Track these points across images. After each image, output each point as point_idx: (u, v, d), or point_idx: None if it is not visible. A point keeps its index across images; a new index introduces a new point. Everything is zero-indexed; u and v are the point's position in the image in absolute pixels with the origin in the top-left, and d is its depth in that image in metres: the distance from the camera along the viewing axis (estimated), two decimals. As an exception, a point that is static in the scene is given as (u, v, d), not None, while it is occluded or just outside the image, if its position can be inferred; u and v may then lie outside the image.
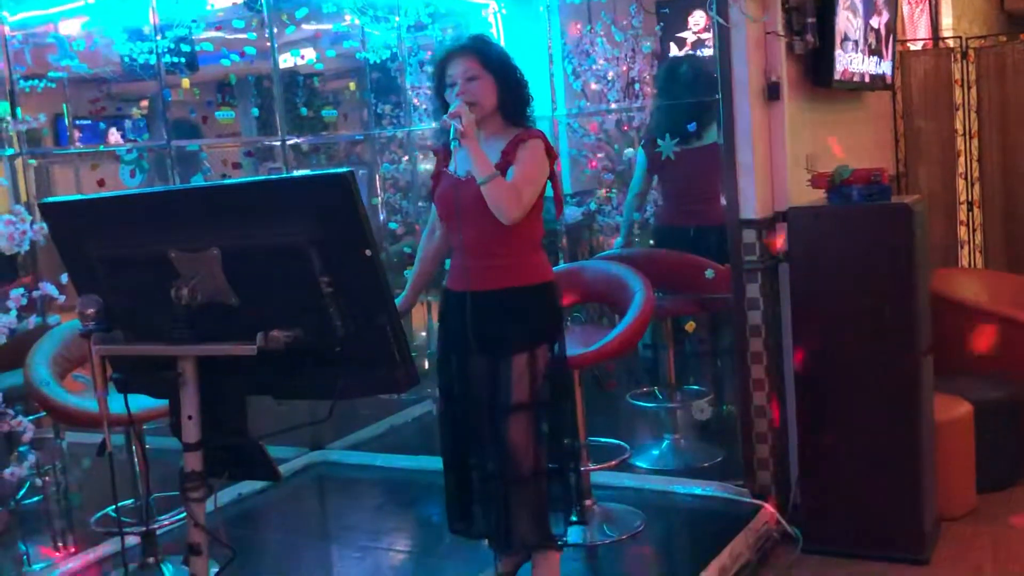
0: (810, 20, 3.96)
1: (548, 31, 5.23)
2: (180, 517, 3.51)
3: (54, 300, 3.47)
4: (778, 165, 3.93)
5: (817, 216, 3.78)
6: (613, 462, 4.11)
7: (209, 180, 4.73)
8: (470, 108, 3.01)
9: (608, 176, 5.57)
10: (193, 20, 4.76)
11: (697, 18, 5.80)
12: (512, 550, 3.25)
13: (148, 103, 4.88)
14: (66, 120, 4.51)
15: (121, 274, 2.15)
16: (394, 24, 5.62)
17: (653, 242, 5.06)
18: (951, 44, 5.70)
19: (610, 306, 4.45)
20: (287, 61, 5.43)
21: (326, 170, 1.83)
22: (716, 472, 4.34)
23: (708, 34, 5.64)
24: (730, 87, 3.84)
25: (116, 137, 4.71)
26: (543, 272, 3.17)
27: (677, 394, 4.84)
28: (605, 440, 4.33)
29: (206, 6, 5.05)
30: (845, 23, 4.11)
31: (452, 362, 3.22)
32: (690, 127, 4.69)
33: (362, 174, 5.73)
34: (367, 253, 1.92)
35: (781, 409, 3.98)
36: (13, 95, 3.79)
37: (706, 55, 5.38)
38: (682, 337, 4.87)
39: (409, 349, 2.01)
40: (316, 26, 5.55)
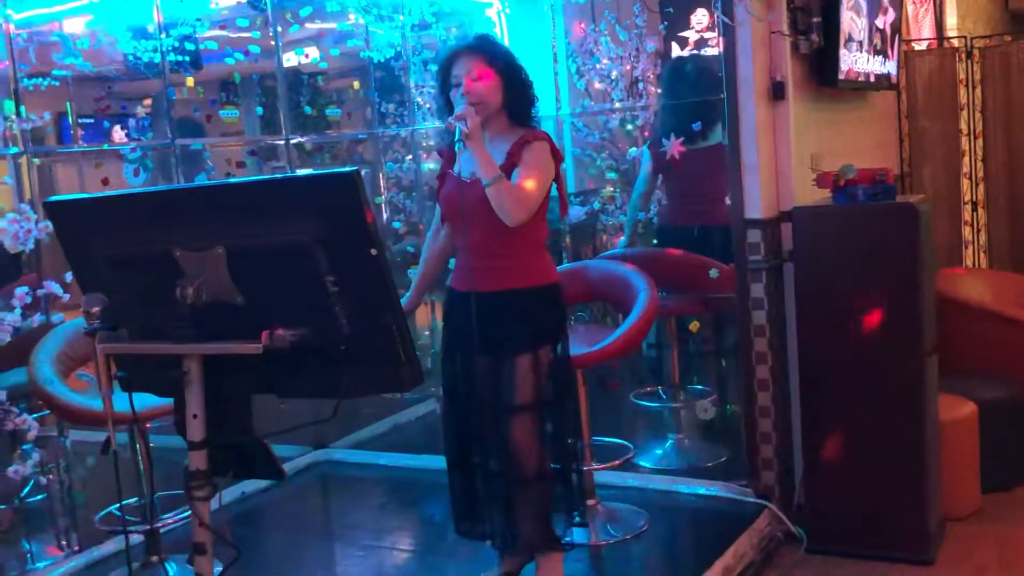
0: (815, 19, 3.96)
1: (552, 30, 5.22)
2: (184, 516, 3.53)
3: (58, 298, 3.47)
4: (783, 165, 3.93)
5: (822, 216, 3.78)
6: (617, 462, 4.10)
7: (213, 179, 4.73)
8: (475, 108, 3.00)
9: (612, 175, 5.56)
10: (197, 19, 4.75)
11: (700, 16, 5.78)
12: (516, 550, 3.25)
13: (151, 102, 4.88)
14: (69, 119, 4.51)
15: (126, 273, 2.15)
16: (398, 23, 5.63)
17: (657, 241, 5.06)
18: (956, 44, 5.69)
19: (614, 305, 4.45)
20: (291, 60, 5.43)
21: (332, 169, 1.83)
22: (720, 472, 4.34)
23: (711, 33, 5.63)
24: (735, 86, 3.83)
25: (120, 135, 4.71)
26: (547, 273, 3.17)
27: (681, 394, 4.84)
28: (609, 440, 4.33)
29: (210, 5, 5.03)
30: (849, 23, 4.10)
31: (456, 362, 3.22)
32: (695, 127, 4.69)
33: (365, 173, 5.73)
34: (373, 252, 1.91)
35: (785, 409, 3.97)
36: (17, 93, 3.79)
37: (710, 54, 5.37)
38: (686, 337, 4.87)
39: (414, 348, 2.01)
40: (320, 25, 5.54)
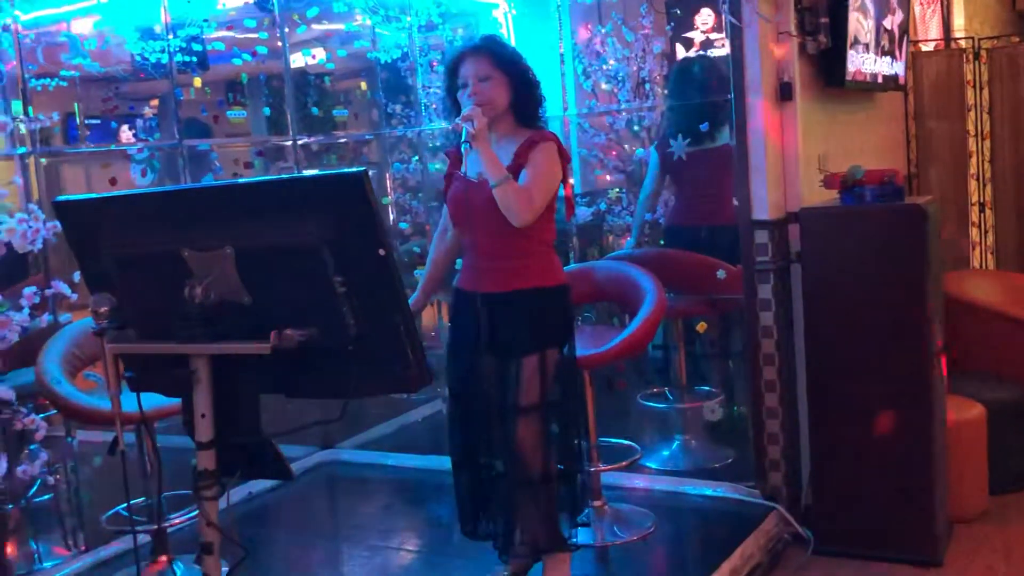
0: (823, 20, 3.95)
1: (559, 31, 5.22)
2: (191, 515, 3.54)
3: (66, 298, 3.48)
4: (790, 165, 3.92)
5: (830, 217, 3.77)
6: (624, 463, 4.10)
7: (220, 179, 4.74)
8: (482, 109, 3.00)
9: (619, 176, 5.56)
10: (205, 19, 4.77)
11: (704, 17, 5.77)
12: (522, 551, 3.24)
13: (158, 102, 4.89)
14: (77, 119, 4.52)
15: (134, 273, 2.15)
16: (405, 24, 5.63)
17: (664, 242, 5.05)
18: (963, 45, 5.68)
19: (621, 306, 4.45)
20: (298, 61, 5.43)
21: (341, 169, 1.83)
22: (727, 473, 4.33)
23: (716, 34, 5.63)
24: (742, 87, 3.82)
25: (128, 136, 4.72)
26: (555, 274, 3.16)
27: (688, 395, 4.83)
28: (615, 441, 4.33)
29: (217, 5, 5.05)
30: (855, 25, 4.09)
31: (462, 362, 3.22)
32: (702, 127, 4.68)
33: (372, 174, 5.73)
34: (381, 252, 1.91)
35: (792, 410, 3.97)
36: (25, 94, 3.80)
37: (716, 55, 5.37)
38: (693, 338, 4.86)
39: (422, 348, 2.01)
40: (327, 26, 5.55)
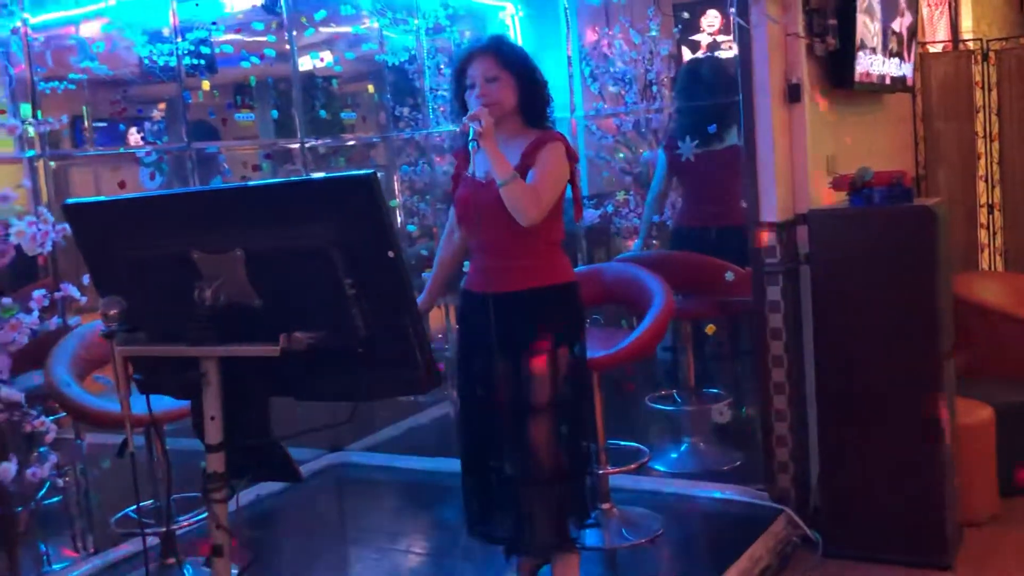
0: (831, 22, 3.95)
1: (567, 33, 5.22)
2: (200, 518, 3.54)
3: (75, 301, 3.48)
4: (799, 167, 3.91)
5: (838, 218, 3.76)
6: (632, 465, 4.08)
7: (228, 182, 4.74)
8: (489, 109, 3.00)
9: (626, 178, 5.56)
10: (213, 22, 4.77)
11: (711, 19, 5.77)
12: (531, 553, 3.24)
13: (166, 105, 4.90)
14: (85, 121, 4.52)
15: (144, 275, 2.15)
16: (412, 27, 5.64)
17: (673, 244, 5.04)
18: (971, 46, 5.66)
19: (629, 308, 4.44)
20: (306, 64, 5.44)
21: (350, 171, 1.83)
22: (736, 476, 4.33)
23: (723, 36, 5.63)
24: (750, 88, 3.82)
25: (136, 139, 4.72)
26: (563, 273, 3.16)
27: (696, 397, 4.82)
28: (624, 443, 4.32)
29: (225, 8, 5.06)
30: (862, 28, 4.08)
31: (472, 363, 3.21)
32: (710, 129, 4.68)
33: (380, 177, 5.73)
34: (390, 255, 1.91)
35: (801, 412, 3.96)
36: (34, 96, 3.81)
37: (725, 56, 5.36)
38: (702, 340, 4.85)
39: (431, 350, 2.00)
40: (335, 29, 5.55)
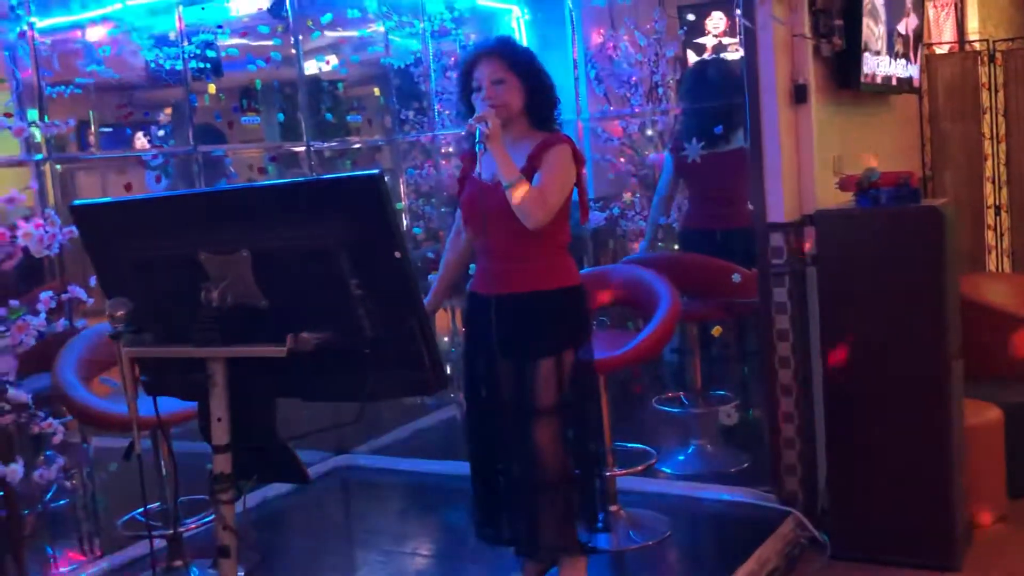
0: (837, 22, 3.94)
1: (572, 36, 5.22)
2: (207, 520, 3.54)
3: (82, 303, 3.49)
4: (805, 168, 3.90)
5: (845, 219, 3.75)
6: (639, 467, 4.08)
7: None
8: (496, 111, 3.00)
9: (632, 180, 5.55)
10: (219, 26, 4.78)
11: (716, 20, 5.77)
12: (538, 555, 3.24)
13: (172, 110, 4.90)
14: (91, 126, 4.53)
15: (150, 276, 2.16)
16: (418, 30, 5.64)
17: (679, 246, 5.04)
18: (978, 47, 5.65)
19: (636, 310, 4.43)
20: (312, 67, 5.44)
21: (357, 171, 1.83)
22: (743, 478, 4.31)
23: (728, 38, 5.62)
24: (756, 89, 3.81)
25: (143, 143, 4.73)
26: (570, 275, 3.16)
27: (703, 399, 4.81)
28: (631, 445, 4.31)
29: (231, 12, 5.07)
30: (866, 31, 4.07)
31: (478, 366, 3.21)
32: (716, 130, 4.67)
33: (386, 179, 5.73)
34: (397, 255, 1.91)
35: (809, 414, 3.95)
36: (41, 101, 3.81)
37: (731, 58, 5.36)
38: (708, 342, 4.84)
39: (438, 350, 2.00)
40: (340, 33, 5.56)
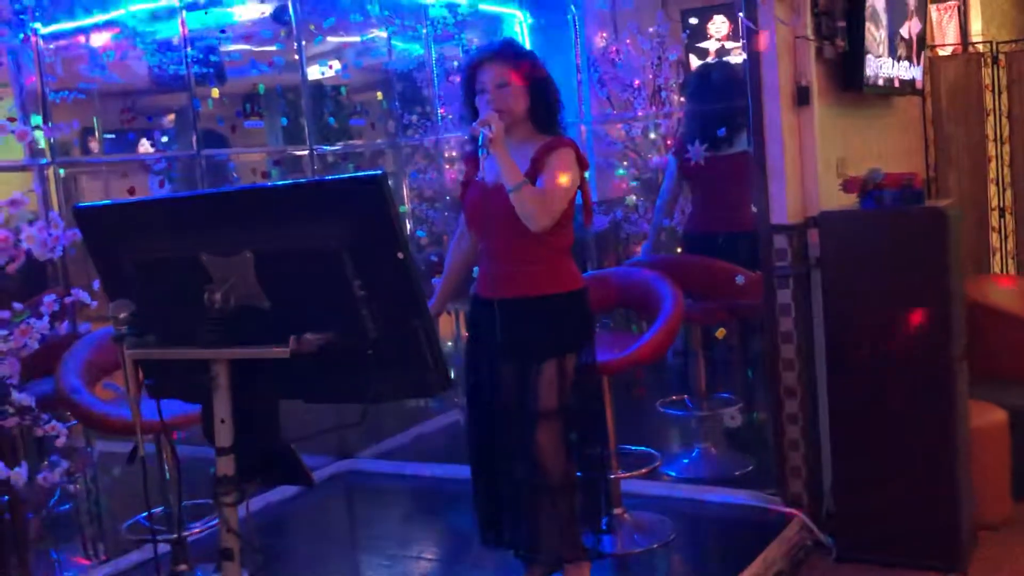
0: (840, 24, 3.94)
1: (575, 40, 5.22)
2: (211, 525, 3.53)
3: (86, 306, 3.49)
4: (809, 170, 3.90)
5: (849, 221, 3.74)
6: (643, 470, 4.07)
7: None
8: (500, 115, 3.00)
9: (635, 183, 5.56)
10: (222, 31, 4.80)
11: (718, 24, 5.77)
12: (542, 559, 3.23)
13: (175, 116, 4.91)
14: (96, 132, 4.54)
15: (153, 278, 2.15)
16: (420, 34, 5.64)
17: (683, 248, 5.03)
18: (981, 49, 5.65)
19: (640, 312, 4.43)
20: (315, 72, 5.45)
21: (359, 172, 1.83)
22: (748, 481, 4.30)
23: (730, 42, 5.62)
24: (760, 92, 3.81)
25: (147, 148, 4.74)
26: (573, 279, 3.15)
27: (707, 402, 4.80)
28: (635, 448, 4.30)
29: (234, 18, 5.08)
30: (868, 36, 4.06)
31: (481, 369, 3.21)
32: (720, 132, 4.67)
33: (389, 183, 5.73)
34: (400, 256, 1.91)
35: (813, 416, 3.94)
36: (45, 106, 3.82)
37: (734, 61, 5.36)
38: (712, 344, 4.84)
39: (442, 351, 2.00)
40: (344, 37, 5.57)
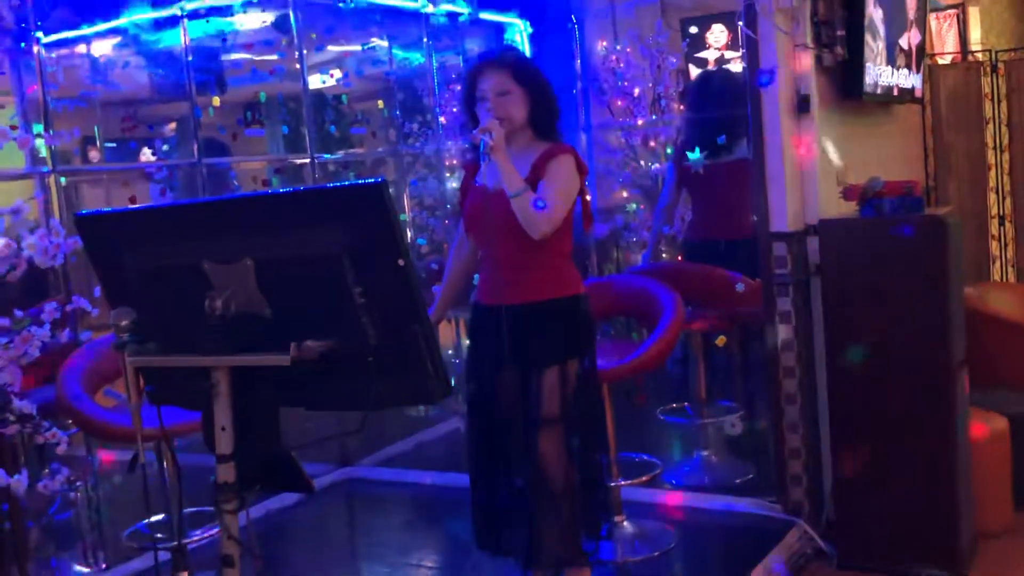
0: (839, 33, 3.95)
1: (575, 48, 5.24)
2: (211, 532, 3.53)
3: (87, 314, 3.49)
4: (808, 178, 3.90)
5: (849, 228, 3.75)
6: (644, 478, 4.08)
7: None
8: (500, 123, 3.01)
9: (635, 191, 5.56)
10: (223, 40, 4.81)
11: (717, 34, 5.78)
12: (542, 566, 3.22)
13: (176, 124, 4.92)
14: (97, 141, 4.55)
15: (155, 286, 2.15)
16: (421, 43, 5.66)
17: (683, 256, 5.04)
18: (980, 57, 5.66)
19: (640, 320, 4.43)
20: (315, 83, 5.47)
21: (359, 180, 1.83)
22: (748, 488, 4.31)
23: (730, 52, 5.64)
24: (759, 100, 3.82)
25: (148, 156, 4.75)
26: (573, 285, 3.16)
27: (708, 409, 4.81)
28: (635, 455, 4.31)
29: (236, 27, 5.09)
30: (866, 49, 4.07)
31: (481, 375, 3.21)
32: (720, 140, 4.68)
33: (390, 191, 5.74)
34: (400, 263, 1.91)
35: (813, 424, 3.94)
36: (47, 115, 3.83)
37: (734, 69, 5.37)
38: (712, 352, 4.84)
39: (442, 358, 2.00)
40: (344, 46, 5.58)
